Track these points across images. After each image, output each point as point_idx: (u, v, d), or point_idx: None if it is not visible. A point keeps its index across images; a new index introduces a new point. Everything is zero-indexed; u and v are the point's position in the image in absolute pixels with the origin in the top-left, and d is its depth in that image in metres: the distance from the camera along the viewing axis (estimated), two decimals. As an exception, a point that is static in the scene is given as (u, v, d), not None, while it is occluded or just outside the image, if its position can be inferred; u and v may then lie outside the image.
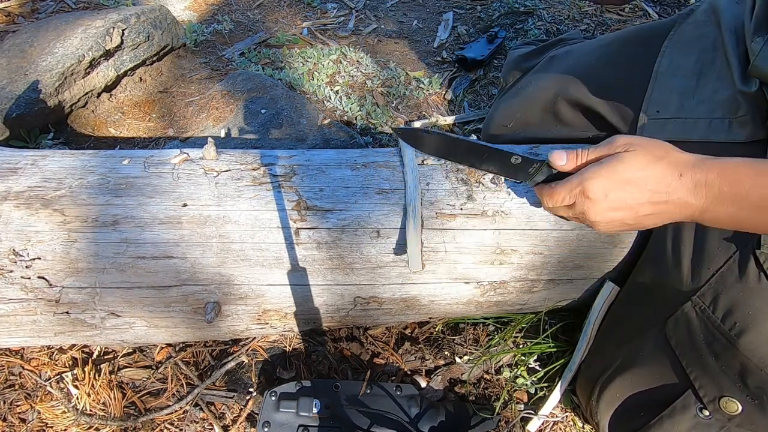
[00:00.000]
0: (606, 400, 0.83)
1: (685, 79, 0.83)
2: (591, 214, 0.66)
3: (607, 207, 0.65)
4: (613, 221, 0.66)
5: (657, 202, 0.63)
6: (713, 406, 0.70)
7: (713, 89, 0.80)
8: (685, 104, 0.81)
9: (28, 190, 0.77)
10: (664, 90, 0.84)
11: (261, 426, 0.85)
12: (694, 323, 0.71)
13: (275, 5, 1.87)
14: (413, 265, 0.78)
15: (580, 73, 0.95)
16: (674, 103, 0.82)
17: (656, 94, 0.84)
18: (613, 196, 0.64)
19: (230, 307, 0.82)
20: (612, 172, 0.64)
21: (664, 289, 0.77)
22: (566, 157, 0.69)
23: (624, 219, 0.66)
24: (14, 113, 1.25)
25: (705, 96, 0.80)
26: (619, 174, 0.63)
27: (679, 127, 0.80)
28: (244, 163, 0.83)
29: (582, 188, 0.65)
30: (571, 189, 0.67)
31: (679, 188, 0.61)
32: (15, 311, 0.78)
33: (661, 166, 0.62)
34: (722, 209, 0.59)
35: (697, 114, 0.79)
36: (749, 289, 0.66)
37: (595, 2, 1.80)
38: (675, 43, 0.87)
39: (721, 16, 0.84)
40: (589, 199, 0.65)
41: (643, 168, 0.62)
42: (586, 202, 0.66)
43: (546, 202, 0.72)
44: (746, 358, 0.65)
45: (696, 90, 0.81)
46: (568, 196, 0.67)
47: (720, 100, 0.78)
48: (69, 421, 0.90)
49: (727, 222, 0.61)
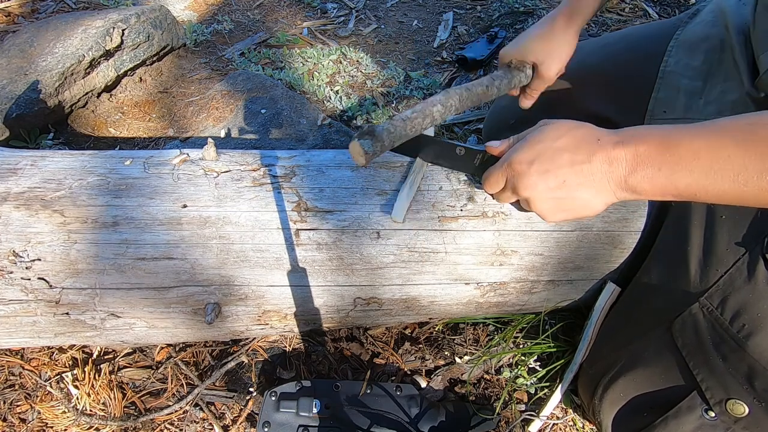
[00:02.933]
0: (609, 399, 0.83)
1: (692, 80, 0.82)
2: (521, 187, 0.66)
3: (535, 177, 0.64)
4: (546, 195, 0.65)
5: (580, 164, 0.61)
6: (719, 408, 0.70)
7: (721, 90, 0.79)
8: (693, 105, 0.80)
9: (27, 191, 0.77)
10: (672, 90, 0.83)
11: (261, 426, 0.85)
12: (702, 324, 0.71)
13: (275, 5, 1.87)
14: (396, 214, 0.79)
15: (584, 72, 0.95)
16: (681, 103, 0.81)
17: (663, 93, 0.83)
18: (537, 166, 0.63)
19: (230, 308, 0.82)
20: (533, 142, 0.65)
21: (671, 289, 0.76)
22: (500, 143, 0.71)
23: (555, 189, 0.64)
24: (14, 113, 1.25)
25: (713, 97, 0.79)
26: (540, 143, 0.64)
27: None
28: (244, 164, 0.83)
29: (508, 162, 0.66)
30: (500, 166, 0.68)
31: (598, 151, 0.60)
32: (15, 312, 0.78)
33: (580, 132, 0.63)
34: (643, 171, 0.58)
35: (705, 114, 0.79)
36: (758, 291, 0.65)
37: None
38: (682, 44, 0.86)
39: (728, 16, 0.83)
40: (515, 171, 0.65)
41: (562, 135, 0.63)
42: (515, 176, 0.66)
43: (487, 190, 0.72)
44: (754, 361, 0.65)
45: (704, 91, 0.80)
46: (500, 175, 0.68)
47: (728, 102, 0.78)
48: (69, 421, 0.90)
49: (652, 186, 0.59)
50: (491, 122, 1.17)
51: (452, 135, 1.46)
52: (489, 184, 0.71)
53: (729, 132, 0.54)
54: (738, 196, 0.54)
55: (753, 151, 0.52)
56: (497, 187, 0.70)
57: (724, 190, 0.54)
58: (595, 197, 0.63)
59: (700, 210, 0.74)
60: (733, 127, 0.54)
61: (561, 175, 0.62)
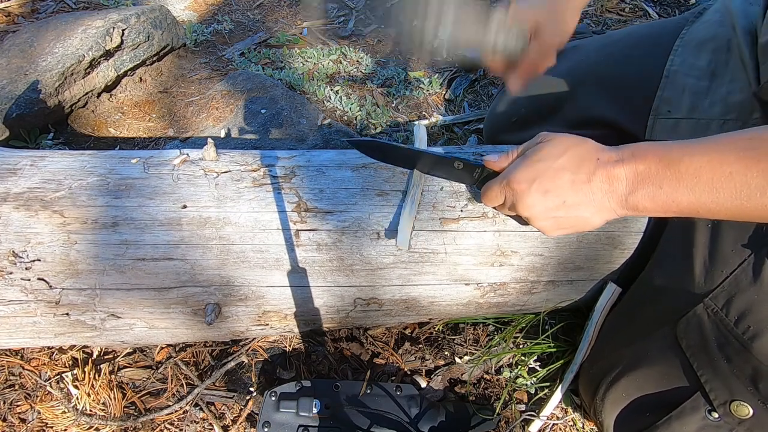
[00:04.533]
0: (612, 399, 0.82)
1: (698, 80, 0.81)
2: (520, 206, 0.66)
3: (534, 197, 0.64)
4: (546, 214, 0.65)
5: (580, 185, 0.62)
6: (723, 410, 0.69)
7: (727, 91, 0.79)
8: (698, 105, 0.80)
9: (27, 192, 0.77)
10: (676, 89, 0.82)
11: (261, 426, 0.85)
12: (706, 325, 0.70)
13: (275, 5, 1.86)
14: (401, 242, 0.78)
15: (586, 70, 0.94)
16: (687, 103, 0.81)
17: (668, 93, 0.82)
18: (537, 186, 0.63)
19: (230, 309, 0.82)
20: (532, 161, 0.64)
21: (675, 290, 0.76)
22: (498, 157, 0.70)
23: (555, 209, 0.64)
24: (14, 113, 1.25)
25: (718, 97, 0.79)
26: (540, 162, 0.64)
27: (691, 127, 0.79)
28: (244, 164, 0.83)
29: (507, 180, 0.66)
30: (500, 184, 0.68)
31: (598, 170, 0.61)
32: (15, 313, 0.78)
33: (580, 150, 0.62)
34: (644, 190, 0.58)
35: (711, 115, 0.78)
36: (764, 292, 0.65)
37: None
38: (688, 43, 0.85)
39: (735, 16, 0.83)
40: (514, 190, 0.65)
41: (562, 153, 0.63)
42: (514, 195, 0.66)
43: (484, 202, 0.73)
44: (759, 363, 0.65)
45: (709, 91, 0.80)
46: (499, 191, 0.68)
47: (734, 102, 0.77)
48: (69, 421, 0.90)
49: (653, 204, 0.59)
50: (491, 122, 1.16)
51: (452, 135, 1.46)
52: (488, 199, 0.71)
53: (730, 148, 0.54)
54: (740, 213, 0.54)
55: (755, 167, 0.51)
56: (496, 202, 0.70)
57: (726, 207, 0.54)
58: (595, 215, 0.64)
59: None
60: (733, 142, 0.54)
61: (561, 195, 0.63)
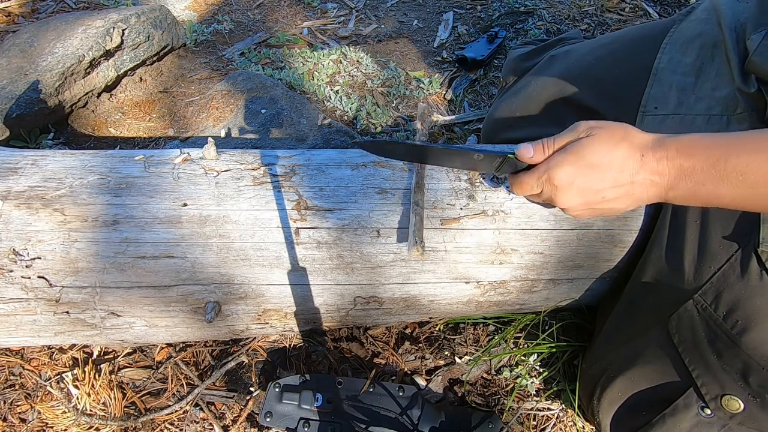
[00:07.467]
0: (608, 399, 0.83)
1: (684, 76, 0.83)
2: (559, 200, 0.67)
3: (575, 193, 0.66)
4: (583, 206, 0.67)
5: (622, 184, 0.64)
6: (715, 405, 0.70)
7: (712, 86, 0.80)
8: (684, 101, 0.81)
9: (28, 190, 0.77)
10: (664, 86, 0.84)
11: (263, 416, 0.85)
12: (697, 321, 0.71)
13: (275, 5, 1.87)
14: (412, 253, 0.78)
15: (579, 72, 0.95)
16: (673, 99, 0.82)
17: (655, 90, 0.84)
18: (579, 182, 0.65)
19: (230, 307, 0.82)
20: (576, 158, 0.65)
21: (667, 287, 0.77)
22: (533, 150, 0.70)
23: (593, 204, 0.66)
24: (14, 113, 1.25)
25: (704, 93, 0.80)
26: (584, 159, 0.64)
27: (677, 123, 0.80)
28: (244, 163, 0.83)
29: (548, 176, 0.67)
30: (538, 177, 0.68)
31: (642, 169, 0.62)
32: (15, 311, 0.78)
33: (623, 149, 0.63)
34: (685, 185, 0.60)
35: (696, 110, 0.80)
36: (751, 287, 0.66)
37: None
38: (675, 41, 0.87)
39: (722, 14, 0.84)
40: (555, 186, 0.66)
41: (606, 152, 0.63)
42: (554, 190, 0.67)
43: (516, 191, 0.74)
44: (748, 357, 0.65)
45: (695, 87, 0.81)
46: (536, 184, 0.69)
47: (719, 97, 0.78)
48: (69, 421, 0.90)
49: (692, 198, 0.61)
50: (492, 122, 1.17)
51: (452, 135, 1.46)
52: (521, 188, 0.71)
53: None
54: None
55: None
56: (529, 192, 0.71)
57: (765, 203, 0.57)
58: (630, 206, 0.67)
59: (695, 208, 0.75)
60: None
61: (602, 192, 0.65)
